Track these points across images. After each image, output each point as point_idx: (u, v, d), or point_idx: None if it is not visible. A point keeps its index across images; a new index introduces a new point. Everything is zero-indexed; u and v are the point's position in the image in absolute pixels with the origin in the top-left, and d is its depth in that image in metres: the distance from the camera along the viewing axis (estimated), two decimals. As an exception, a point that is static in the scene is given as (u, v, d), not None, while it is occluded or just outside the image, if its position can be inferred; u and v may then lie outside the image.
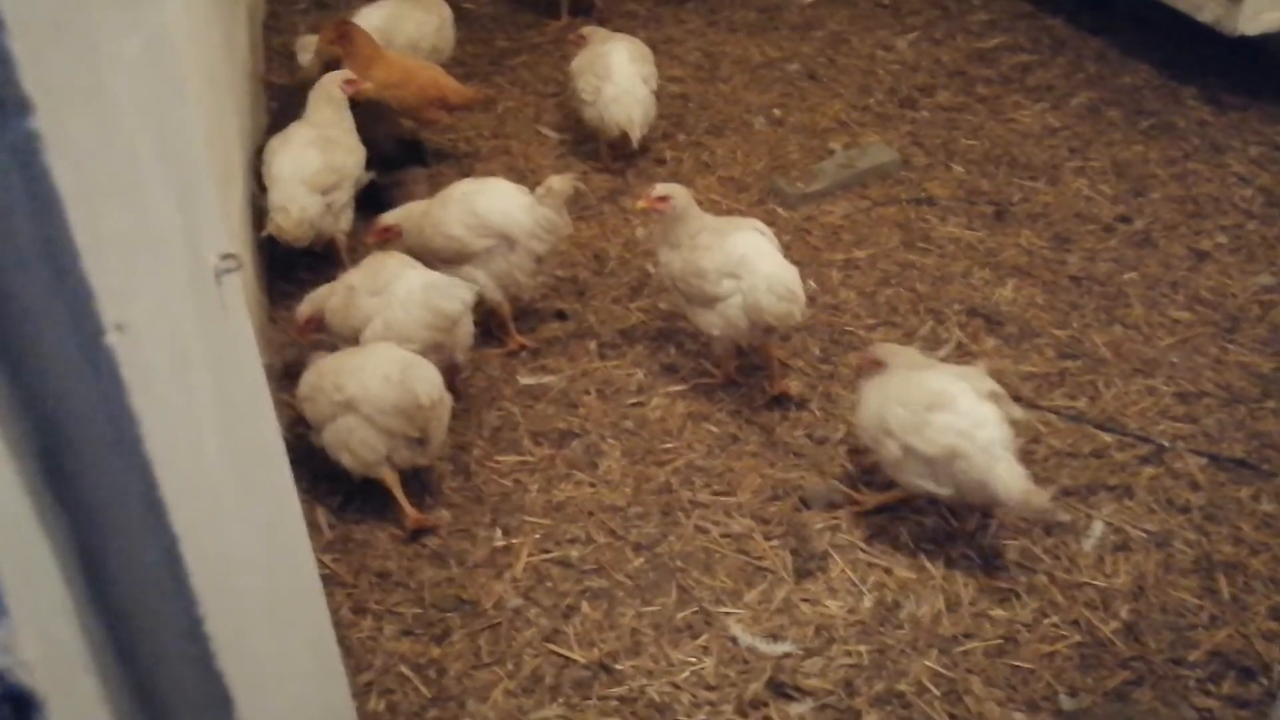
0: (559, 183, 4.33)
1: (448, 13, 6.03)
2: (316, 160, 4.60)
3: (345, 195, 4.72)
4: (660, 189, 4.21)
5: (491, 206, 4.31)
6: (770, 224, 4.47)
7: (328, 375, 3.79)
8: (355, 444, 3.73)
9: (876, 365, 3.74)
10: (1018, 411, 3.57)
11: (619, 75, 5.33)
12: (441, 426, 3.78)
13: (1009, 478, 3.39)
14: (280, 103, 5.59)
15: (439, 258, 4.33)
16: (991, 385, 3.55)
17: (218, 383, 1.54)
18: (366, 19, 5.73)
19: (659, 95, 5.53)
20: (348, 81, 4.90)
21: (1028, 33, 6.44)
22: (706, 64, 6.31)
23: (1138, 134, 5.58)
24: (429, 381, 3.70)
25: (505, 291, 4.38)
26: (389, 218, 4.51)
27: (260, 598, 1.52)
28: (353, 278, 4.12)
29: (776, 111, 5.88)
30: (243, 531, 1.49)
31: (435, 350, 4.00)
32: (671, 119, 5.82)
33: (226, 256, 1.76)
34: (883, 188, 5.32)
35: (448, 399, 3.79)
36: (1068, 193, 5.22)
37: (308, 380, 3.88)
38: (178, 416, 1.20)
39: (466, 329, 4.12)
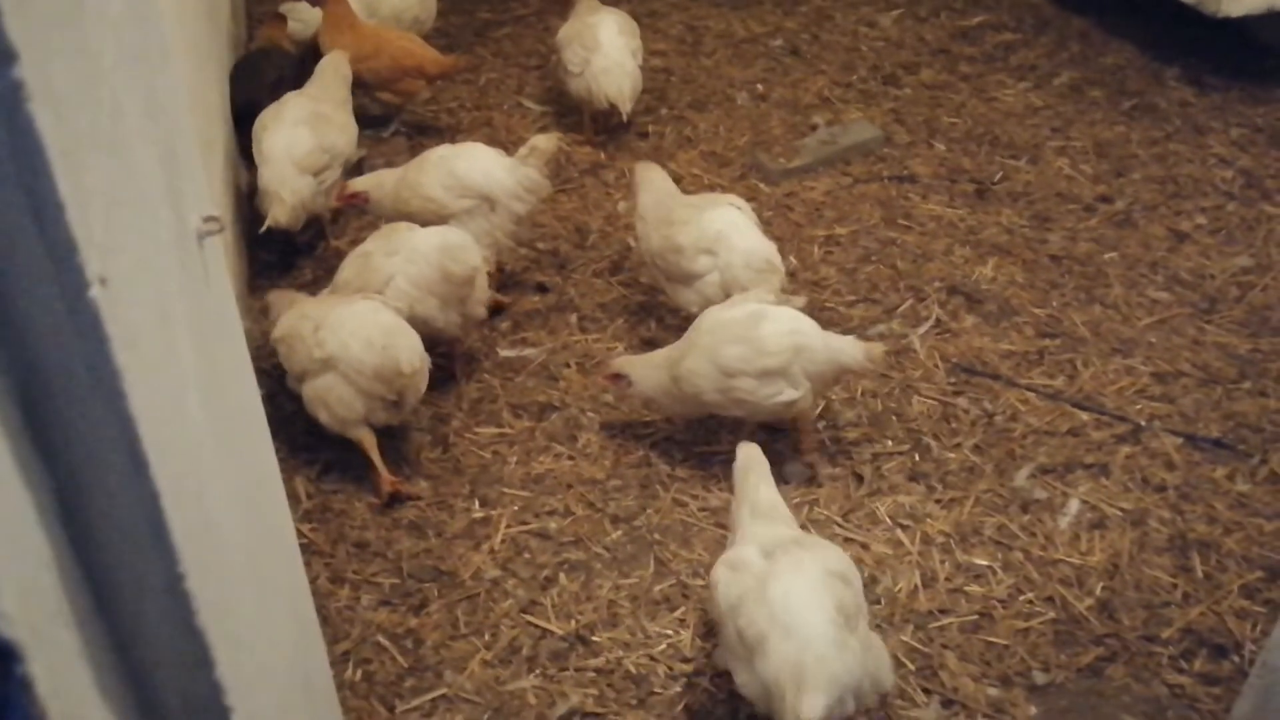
0: (543, 141, 4.35)
1: (431, -14, 6.03)
2: (308, 140, 4.57)
3: (336, 174, 4.70)
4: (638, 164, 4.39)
5: (471, 168, 4.33)
6: (751, 199, 4.49)
7: (309, 323, 3.75)
8: (333, 401, 3.73)
9: (619, 379, 3.91)
10: (799, 300, 3.86)
11: (608, 47, 5.32)
12: (418, 392, 3.78)
13: (847, 346, 3.66)
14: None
15: (417, 221, 4.33)
16: (765, 294, 3.81)
17: (199, 343, 1.54)
18: None
19: (642, 69, 5.52)
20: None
21: (1011, 11, 6.45)
22: (689, 38, 6.29)
23: (1119, 114, 5.59)
24: (411, 350, 3.69)
25: (486, 252, 4.37)
26: (358, 184, 4.51)
27: (240, 558, 1.52)
28: (367, 246, 4.10)
29: (759, 87, 5.87)
30: (223, 491, 1.49)
31: (455, 305, 4.00)
32: (654, 93, 5.80)
33: (209, 219, 1.75)
34: (865, 165, 5.32)
35: (427, 362, 3.79)
36: (1049, 172, 5.23)
37: (287, 322, 3.85)
38: (160, 373, 1.20)
39: (481, 291, 4.11)
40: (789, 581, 2.84)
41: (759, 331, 3.65)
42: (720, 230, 4.05)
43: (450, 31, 6.32)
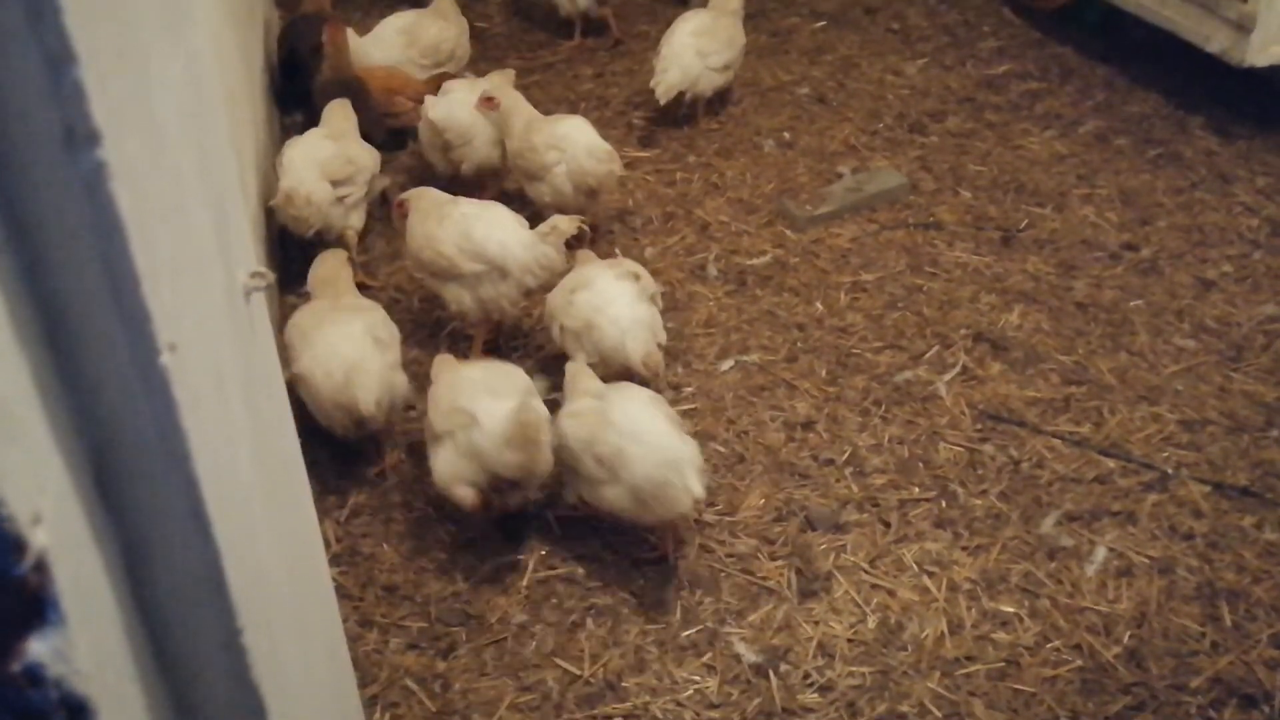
0: (564, 223, 4.33)
1: (466, 25, 6.16)
2: (330, 149, 4.75)
3: (359, 192, 4.82)
4: (488, 90, 5.10)
5: (489, 235, 4.32)
6: (778, 246, 4.54)
7: (297, 330, 4.00)
8: (308, 408, 3.94)
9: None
10: (652, 285, 4.27)
11: (673, 41, 5.73)
12: (382, 422, 3.99)
13: (635, 345, 4.04)
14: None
15: (426, 270, 4.38)
16: (632, 268, 4.28)
17: (247, 398, 1.57)
18: (389, 25, 5.90)
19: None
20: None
21: (1037, 60, 6.49)
22: (717, 85, 6.34)
23: (1145, 162, 5.62)
24: (367, 390, 3.83)
25: (486, 315, 4.40)
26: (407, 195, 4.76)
27: (286, 608, 1.55)
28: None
29: (786, 134, 5.92)
30: (270, 544, 1.52)
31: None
32: (681, 140, 5.86)
33: (255, 274, 1.79)
34: (891, 212, 5.36)
35: (402, 388, 4.04)
36: (1075, 220, 5.25)
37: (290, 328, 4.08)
38: (218, 433, 1.24)
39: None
40: (624, 405, 3.59)
41: (574, 295, 4.14)
42: (567, 132, 4.88)
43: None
